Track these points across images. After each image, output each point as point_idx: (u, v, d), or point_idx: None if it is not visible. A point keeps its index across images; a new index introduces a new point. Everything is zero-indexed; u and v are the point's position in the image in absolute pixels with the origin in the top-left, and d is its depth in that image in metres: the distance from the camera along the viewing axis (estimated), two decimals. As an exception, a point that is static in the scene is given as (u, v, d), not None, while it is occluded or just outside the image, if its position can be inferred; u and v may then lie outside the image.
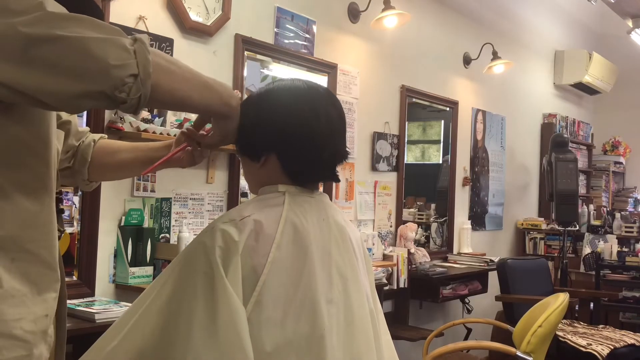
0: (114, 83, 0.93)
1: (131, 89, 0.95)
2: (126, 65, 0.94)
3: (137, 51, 0.95)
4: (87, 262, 2.52)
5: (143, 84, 0.95)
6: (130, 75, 0.94)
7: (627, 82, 7.03)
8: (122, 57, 0.93)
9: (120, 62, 0.93)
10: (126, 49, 0.94)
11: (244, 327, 1.01)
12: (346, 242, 1.20)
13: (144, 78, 0.95)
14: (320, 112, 1.17)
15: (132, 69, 0.94)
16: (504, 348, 2.72)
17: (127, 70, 0.93)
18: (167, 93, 1.03)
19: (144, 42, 0.97)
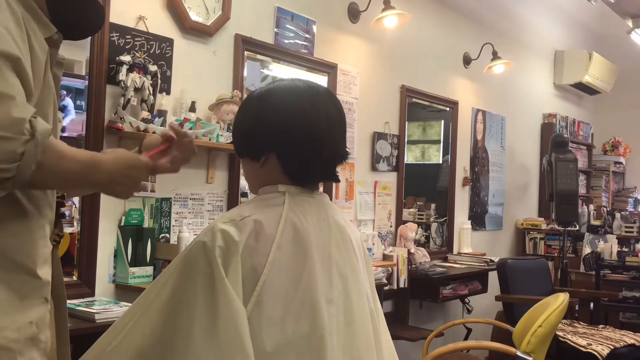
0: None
1: (6, 186, 0.97)
2: (6, 170, 0.95)
3: (26, 154, 0.96)
4: (87, 262, 2.52)
5: (15, 181, 0.97)
6: (5, 178, 0.96)
7: (627, 82, 7.02)
8: (6, 160, 0.94)
9: (2, 167, 0.94)
10: (14, 153, 0.95)
11: (245, 327, 1.01)
12: (346, 242, 1.20)
13: (18, 178, 0.97)
14: (320, 112, 1.17)
15: (10, 172, 0.96)
16: (504, 348, 2.72)
17: (5, 174, 0.95)
18: (41, 186, 1.07)
19: (37, 144, 0.97)
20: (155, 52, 2.73)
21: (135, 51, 2.64)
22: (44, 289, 1.12)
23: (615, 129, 7.31)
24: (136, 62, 2.60)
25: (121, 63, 2.54)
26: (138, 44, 2.66)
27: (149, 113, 2.62)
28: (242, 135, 1.21)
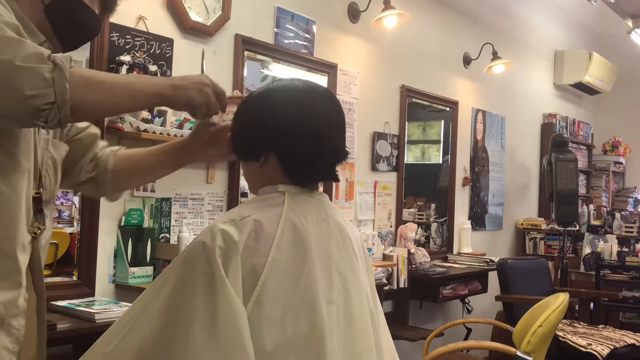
0: (30, 111, 1.02)
1: (49, 115, 1.03)
2: (42, 95, 1.02)
3: (55, 79, 1.03)
4: (87, 262, 2.52)
5: (60, 109, 1.04)
6: (47, 104, 1.02)
7: (627, 82, 7.03)
8: (38, 86, 1.02)
9: (36, 92, 1.01)
10: (43, 78, 1.02)
11: (245, 327, 1.01)
12: (346, 242, 1.20)
13: (61, 104, 1.04)
14: (319, 111, 1.17)
15: (48, 97, 1.02)
16: (504, 348, 2.72)
17: (42, 100, 1.02)
18: (91, 108, 1.12)
19: (63, 69, 1.04)
20: (155, 52, 2.73)
21: (135, 51, 2.64)
22: (19, 274, 1.14)
23: (615, 129, 7.31)
24: (136, 62, 2.60)
25: (121, 63, 2.54)
26: (138, 44, 2.66)
27: (149, 113, 2.62)
28: (242, 135, 1.21)
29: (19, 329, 1.15)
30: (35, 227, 1.21)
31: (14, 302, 1.14)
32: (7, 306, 1.12)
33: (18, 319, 1.15)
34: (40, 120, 1.03)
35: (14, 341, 1.14)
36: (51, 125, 1.04)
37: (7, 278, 1.13)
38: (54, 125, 1.05)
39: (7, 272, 1.13)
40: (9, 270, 1.13)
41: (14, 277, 1.14)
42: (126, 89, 1.15)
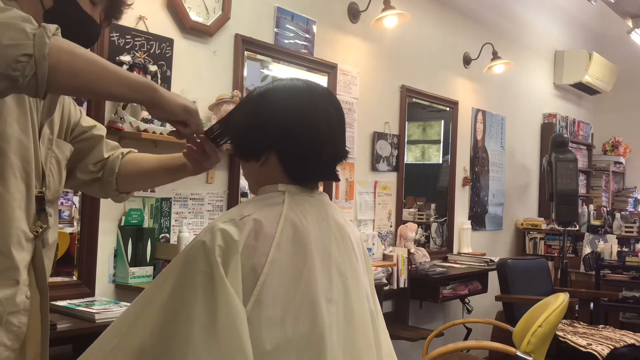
0: (5, 61, 0.98)
1: (25, 68, 0.99)
2: (19, 45, 0.99)
3: (36, 34, 1.00)
4: (87, 262, 2.52)
5: (38, 63, 1.00)
6: (23, 55, 0.99)
7: (627, 82, 7.03)
8: (16, 38, 0.99)
9: (13, 42, 0.98)
10: (23, 31, 1.00)
11: (244, 327, 1.01)
12: (346, 242, 1.20)
13: (39, 58, 1.00)
14: (319, 111, 1.17)
15: (25, 48, 0.99)
16: (504, 348, 2.72)
17: (19, 50, 0.98)
18: (70, 75, 1.05)
19: (46, 28, 1.02)
20: (155, 52, 2.73)
21: (135, 51, 2.64)
22: (15, 271, 1.14)
23: (615, 129, 7.31)
24: (136, 62, 2.60)
25: (121, 63, 2.54)
26: (138, 44, 2.66)
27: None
28: (242, 135, 1.21)
29: (19, 326, 1.16)
30: (37, 226, 1.21)
31: (12, 299, 1.15)
32: (3, 303, 1.13)
33: (18, 316, 1.16)
34: (17, 73, 0.98)
35: (13, 338, 1.15)
36: (27, 82, 1.00)
37: (4, 277, 1.14)
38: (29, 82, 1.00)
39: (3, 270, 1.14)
40: (4, 268, 1.14)
41: (9, 274, 1.14)
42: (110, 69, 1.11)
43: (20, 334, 1.17)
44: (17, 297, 1.16)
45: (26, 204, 1.19)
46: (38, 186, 1.22)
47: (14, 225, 1.16)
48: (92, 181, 1.48)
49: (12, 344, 1.16)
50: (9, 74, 0.99)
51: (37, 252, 1.22)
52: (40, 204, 1.23)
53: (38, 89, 1.02)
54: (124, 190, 1.52)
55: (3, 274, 1.14)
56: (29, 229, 1.20)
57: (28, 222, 1.20)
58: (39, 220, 1.22)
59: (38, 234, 1.22)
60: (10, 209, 1.15)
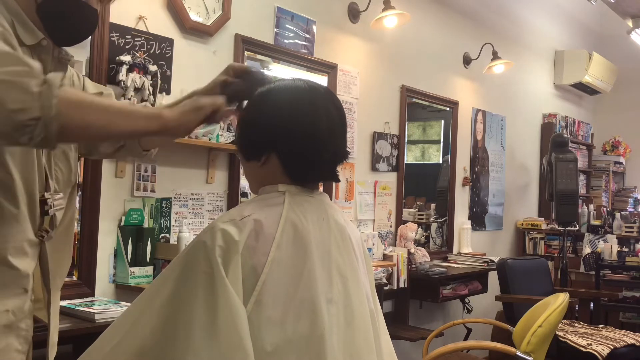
0: (13, 126, 0.95)
1: (34, 131, 0.97)
2: (26, 110, 0.96)
3: (42, 94, 0.97)
4: (87, 262, 2.52)
5: (47, 125, 0.97)
6: (31, 119, 0.96)
7: (627, 82, 7.03)
8: (22, 100, 0.95)
9: (20, 107, 0.95)
10: (27, 92, 0.96)
11: (244, 327, 1.01)
12: (346, 242, 1.20)
13: (47, 121, 0.97)
14: (320, 111, 1.17)
15: (32, 112, 0.96)
16: (504, 348, 2.72)
17: (26, 115, 0.96)
18: (81, 128, 1.04)
19: (51, 85, 0.98)
20: (155, 52, 2.73)
21: (135, 51, 2.64)
22: (23, 280, 1.15)
23: (615, 129, 7.31)
24: (136, 62, 2.60)
25: (121, 63, 2.54)
26: (138, 44, 2.66)
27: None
28: (243, 135, 1.21)
29: (27, 329, 1.19)
30: (42, 230, 1.22)
31: (21, 308, 1.17)
32: (15, 313, 1.15)
33: (25, 320, 1.19)
34: (25, 137, 0.97)
35: (23, 341, 1.18)
36: (36, 142, 0.99)
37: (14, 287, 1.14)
38: (39, 142, 0.99)
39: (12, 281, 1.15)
40: (13, 278, 1.15)
41: (19, 283, 1.16)
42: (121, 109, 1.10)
43: (28, 337, 1.20)
44: (25, 305, 1.18)
45: (30, 212, 1.19)
46: (41, 189, 1.22)
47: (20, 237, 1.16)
48: (117, 150, 1.46)
49: (22, 348, 1.18)
50: (17, 138, 0.98)
51: (42, 255, 1.22)
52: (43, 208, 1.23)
53: (49, 146, 1.01)
54: (149, 148, 1.49)
55: (13, 284, 1.15)
56: (35, 234, 1.20)
57: (34, 228, 1.20)
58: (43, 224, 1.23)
59: (44, 239, 1.22)
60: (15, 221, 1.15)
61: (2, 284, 1.12)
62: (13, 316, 1.14)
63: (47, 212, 1.23)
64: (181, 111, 1.17)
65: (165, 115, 1.14)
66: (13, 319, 1.14)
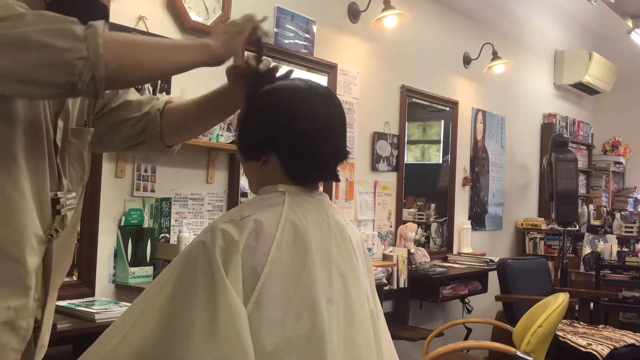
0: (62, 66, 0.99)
1: (82, 72, 0.99)
2: (74, 49, 0.98)
3: (87, 36, 1.00)
4: (87, 262, 2.52)
5: (95, 65, 1.00)
6: (78, 58, 0.99)
7: (627, 82, 7.02)
8: (70, 42, 0.98)
9: (68, 45, 0.98)
10: (75, 35, 0.99)
11: (245, 327, 1.01)
12: (346, 242, 1.20)
13: (94, 60, 1.00)
14: (320, 111, 1.17)
15: (80, 52, 0.99)
16: (504, 348, 2.72)
17: (75, 53, 0.98)
18: (133, 68, 1.07)
19: (96, 27, 1.01)
20: (155, 52, 2.72)
21: (135, 51, 2.64)
22: (28, 277, 1.14)
23: (615, 129, 7.31)
24: (136, 62, 2.60)
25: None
26: (138, 44, 2.66)
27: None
28: (243, 134, 1.21)
29: (27, 328, 1.18)
30: (52, 229, 1.21)
31: (25, 306, 1.15)
32: (17, 311, 1.14)
33: (27, 319, 1.17)
34: (75, 78, 0.99)
35: (21, 340, 1.17)
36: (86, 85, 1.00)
37: (18, 284, 1.14)
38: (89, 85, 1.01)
39: (17, 278, 1.13)
40: (19, 276, 1.14)
41: (24, 281, 1.15)
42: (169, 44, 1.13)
43: (27, 336, 1.19)
44: (29, 303, 1.17)
45: (40, 208, 1.18)
46: (54, 188, 1.21)
47: (28, 231, 1.15)
48: (137, 145, 1.44)
49: (20, 347, 1.17)
50: (67, 80, 1.00)
51: (48, 253, 1.21)
52: (56, 206, 1.21)
53: (97, 91, 1.03)
54: (172, 144, 1.48)
55: (17, 281, 1.14)
56: (44, 232, 1.19)
57: (43, 225, 1.19)
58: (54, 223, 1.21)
59: (52, 238, 1.21)
60: (24, 215, 1.14)
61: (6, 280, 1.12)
62: (14, 314, 1.13)
63: (59, 211, 1.22)
64: (226, 38, 1.21)
65: (212, 45, 1.17)
66: (14, 316, 1.13)
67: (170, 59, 1.13)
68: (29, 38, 0.98)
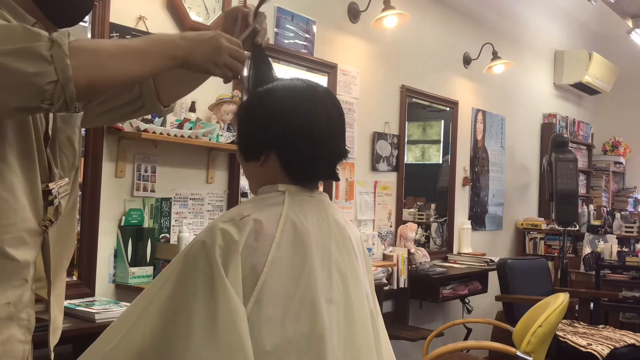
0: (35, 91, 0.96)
1: (54, 96, 0.97)
2: (43, 73, 0.95)
3: (54, 56, 0.97)
4: (87, 262, 2.52)
5: (64, 88, 0.98)
6: (50, 82, 0.96)
7: (627, 82, 7.02)
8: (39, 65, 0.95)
9: (38, 70, 0.95)
10: (40, 56, 0.96)
11: (244, 327, 1.01)
12: (346, 242, 1.20)
13: (64, 82, 0.97)
14: (319, 110, 1.17)
15: (50, 75, 0.96)
16: (504, 348, 2.72)
17: (45, 78, 0.96)
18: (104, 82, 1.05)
19: (60, 44, 0.98)
20: (155, 52, 2.72)
21: (135, 51, 2.63)
22: (23, 270, 1.15)
23: (615, 129, 7.31)
24: (136, 62, 2.60)
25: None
26: (138, 44, 2.66)
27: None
28: (242, 134, 1.22)
29: (28, 319, 1.19)
30: (46, 221, 1.21)
31: (21, 299, 1.17)
32: (16, 304, 1.16)
33: (27, 310, 1.19)
34: (46, 103, 0.98)
35: (25, 331, 1.19)
36: (57, 106, 0.99)
37: (14, 278, 1.15)
38: (60, 106, 0.99)
39: (12, 272, 1.14)
40: (14, 270, 1.15)
41: (19, 274, 1.16)
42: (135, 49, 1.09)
43: (30, 326, 1.21)
44: (24, 295, 1.18)
45: (33, 202, 1.18)
46: (45, 179, 1.21)
47: (21, 226, 1.15)
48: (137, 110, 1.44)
49: (25, 338, 1.19)
50: (37, 105, 0.98)
51: (44, 245, 1.22)
52: (48, 198, 1.22)
53: (68, 108, 1.02)
54: (169, 103, 1.47)
55: (13, 275, 1.15)
56: (38, 224, 1.20)
57: (37, 218, 1.19)
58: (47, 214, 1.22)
59: (47, 229, 1.21)
60: (16, 213, 1.14)
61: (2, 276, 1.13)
62: (14, 307, 1.14)
63: (52, 202, 1.22)
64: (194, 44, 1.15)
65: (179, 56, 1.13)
66: (14, 310, 1.15)
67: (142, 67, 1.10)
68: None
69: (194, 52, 1.14)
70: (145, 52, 1.10)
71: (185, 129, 2.70)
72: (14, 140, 1.14)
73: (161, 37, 1.19)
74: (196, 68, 1.17)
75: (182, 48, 1.13)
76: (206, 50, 1.15)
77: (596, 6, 6.21)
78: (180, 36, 1.16)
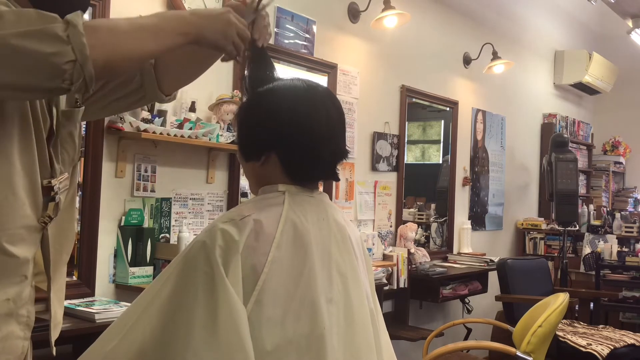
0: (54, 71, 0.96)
1: (73, 76, 0.97)
2: (61, 53, 0.96)
3: (70, 36, 0.97)
4: (87, 262, 2.52)
5: (83, 67, 0.98)
6: (67, 62, 0.96)
7: (627, 82, 7.02)
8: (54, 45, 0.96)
9: (55, 50, 0.95)
10: (57, 37, 0.96)
11: (245, 327, 1.01)
12: (346, 242, 1.20)
13: (83, 62, 0.98)
14: (320, 110, 1.17)
15: (68, 55, 0.97)
16: (504, 348, 2.72)
17: (63, 57, 0.96)
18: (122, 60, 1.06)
19: (76, 25, 0.98)
20: (155, 52, 2.72)
21: (135, 51, 2.63)
22: (23, 267, 1.16)
23: (615, 129, 7.31)
24: (136, 62, 2.60)
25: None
26: (138, 44, 2.65)
27: (149, 113, 2.62)
28: (242, 134, 1.22)
29: (28, 315, 1.20)
30: (46, 217, 1.21)
31: (20, 295, 1.17)
32: (15, 300, 1.16)
33: (26, 306, 1.19)
34: (66, 83, 0.98)
35: (25, 328, 1.19)
36: (77, 86, 0.99)
37: (13, 274, 1.15)
38: (80, 86, 1.00)
39: (11, 269, 1.15)
40: (13, 266, 1.15)
41: (18, 271, 1.16)
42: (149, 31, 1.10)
43: (30, 323, 1.21)
44: (24, 291, 1.18)
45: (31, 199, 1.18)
46: (46, 175, 1.21)
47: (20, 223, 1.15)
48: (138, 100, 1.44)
49: (24, 334, 1.19)
50: (57, 85, 0.98)
51: (44, 241, 1.22)
52: (48, 194, 1.21)
53: (88, 88, 1.02)
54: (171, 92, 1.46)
55: (13, 272, 1.15)
56: (37, 220, 1.19)
57: (36, 214, 1.19)
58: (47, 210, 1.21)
59: (46, 225, 1.21)
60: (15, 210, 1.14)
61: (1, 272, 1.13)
62: (13, 304, 1.15)
63: (54, 198, 1.22)
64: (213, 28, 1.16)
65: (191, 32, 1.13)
66: (13, 306, 1.15)
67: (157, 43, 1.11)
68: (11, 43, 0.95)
69: (205, 28, 1.16)
70: (159, 29, 1.12)
71: (185, 129, 2.70)
72: (17, 137, 1.14)
73: (172, 14, 1.21)
74: (207, 44, 1.18)
75: (194, 24, 1.15)
76: (217, 26, 1.17)
77: (596, 6, 6.21)
78: (191, 12, 1.18)
